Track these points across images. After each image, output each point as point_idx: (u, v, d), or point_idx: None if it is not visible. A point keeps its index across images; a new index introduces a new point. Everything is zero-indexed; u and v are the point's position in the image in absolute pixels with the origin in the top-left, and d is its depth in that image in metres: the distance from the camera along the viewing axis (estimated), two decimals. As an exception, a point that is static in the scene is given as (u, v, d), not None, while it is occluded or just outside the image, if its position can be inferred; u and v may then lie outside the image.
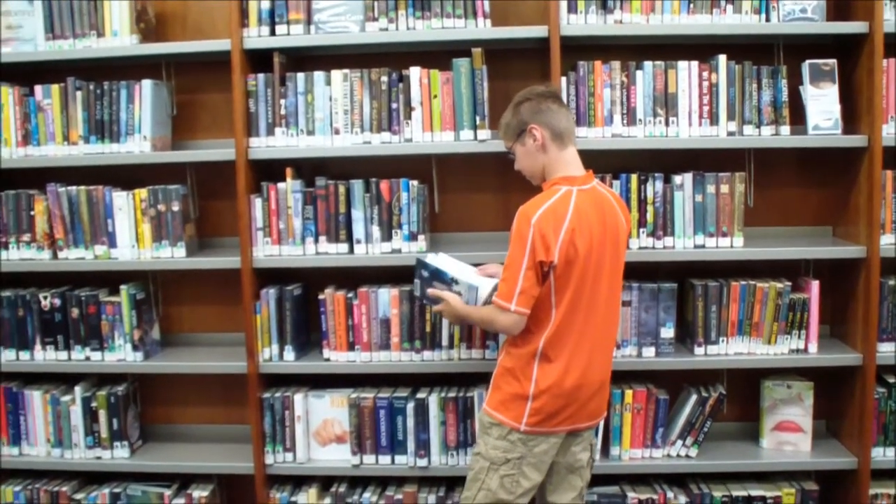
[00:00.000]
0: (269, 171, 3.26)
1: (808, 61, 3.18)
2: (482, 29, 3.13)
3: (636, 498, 3.19)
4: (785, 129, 3.16)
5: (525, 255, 2.49)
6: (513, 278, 2.51)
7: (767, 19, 3.14)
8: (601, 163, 3.16)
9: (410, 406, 3.19)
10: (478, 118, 3.13)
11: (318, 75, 3.17)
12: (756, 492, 3.19)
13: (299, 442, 3.25)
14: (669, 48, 3.25)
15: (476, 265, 2.89)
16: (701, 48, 3.21)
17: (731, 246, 3.13)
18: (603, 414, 2.75)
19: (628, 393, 3.16)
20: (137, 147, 3.23)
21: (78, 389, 3.31)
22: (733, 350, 3.15)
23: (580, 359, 2.59)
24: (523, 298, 2.51)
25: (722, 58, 3.13)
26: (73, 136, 3.25)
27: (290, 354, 3.24)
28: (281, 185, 3.19)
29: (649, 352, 3.14)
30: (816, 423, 3.28)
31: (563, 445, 2.68)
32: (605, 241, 2.58)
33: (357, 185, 3.17)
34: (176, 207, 3.23)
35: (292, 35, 3.16)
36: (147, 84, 3.22)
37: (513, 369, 2.62)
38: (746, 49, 3.22)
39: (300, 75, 3.18)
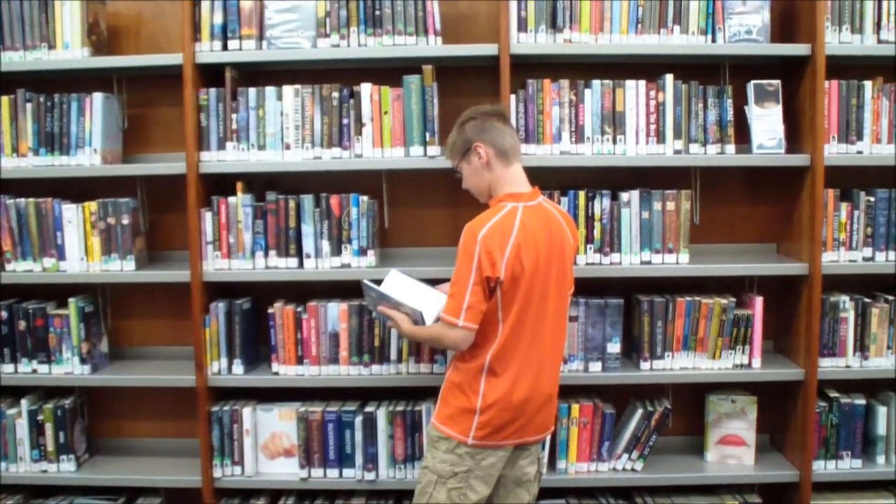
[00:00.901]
0: (220, 185, 3.29)
1: (753, 81, 3.27)
2: (433, 46, 3.19)
3: (582, 512, 3.25)
4: (730, 148, 3.24)
5: (472, 271, 2.54)
6: (460, 294, 2.55)
7: (713, 40, 3.23)
8: (549, 179, 3.24)
9: (359, 420, 3.23)
10: (428, 134, 3.18)
11: (270, 90, 3.22)
12: (700, 505, 3.27)
13: (247, 455, 3.27)
14: (618, 67, 3.33)
15: (427, 281, 2.94)
16: (649, 68, 3.30)
17: (677, 262, 3.21)
18: (550, 428, 2.77)
19: (575, 407, 3.22)
20: (88, 160, 3.25)
21: (24, 402, 3.32)
22: (678, 365, 3.23)
23: (527, 373, 2.62)
24: (471, 314, 2.56)
25: (669, 77, 3.21)
26: (23, 147, 3.27)
27: (238, 368, 3.27)
28: (231, 199, 3.23)
29: (596, 366, 3.21)
30: (760, 436, 3.36)
31: (510, 459, 2.70)
32: (551, 257, 2.62)
33: (307, 199, 3.21)
34: (126, 221, 3.26)
35: (244, 50, 3.21)
36: (98, 97, 3.24)
37: (460, 384, 2.66)
38: (693, 69, 3.31)
39: (252, 90, 3.22)
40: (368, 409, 3.26)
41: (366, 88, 3.20)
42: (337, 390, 3.32)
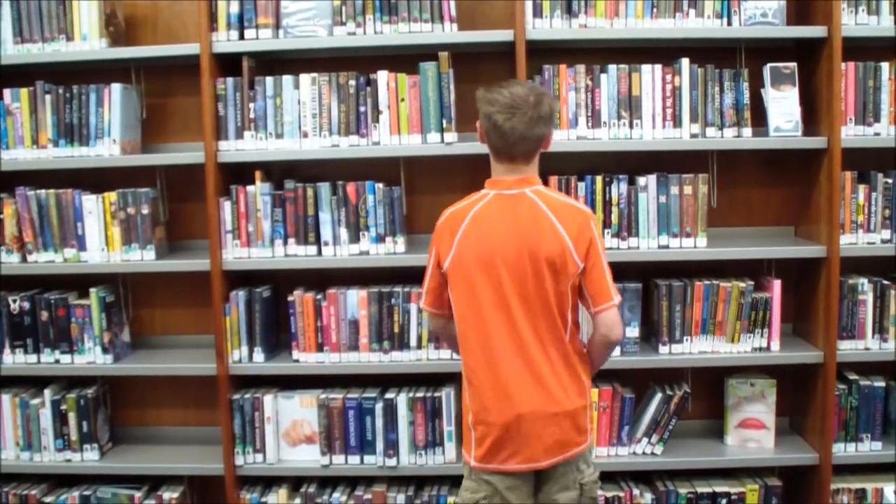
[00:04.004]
0: (239, 174, 3.40)
1: (769, 64, 3.36)
2: (449, 33, 3.28)
3: (602, 495, 3.35)
4: (747, 131, 3.33)
5: (431, 254, 2.63)
6: (425, 277, 2.67)
7: (729, 23, 3.31)
8: (566, 165, 3.35)
9: (379, 406, 3.34)
10: (444, 121, 3.28)
11: (287, 79, 3.32)
12: (720, 488, 3.36)
13: (269, 443, 3.39)
14: (633, 52, 3.42)
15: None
16: (664, 52, 3.39)
17: (695, 246, 3.30)
18: (570, 450, 2.55)
19: (594, 392, 3.32)
20: (107, 150, 3.36)
21: (47, 392, 3.45)
22: (697, 349, 3.33)
23: (498, 388, 2.51)
24: (429, 297, 2.67)
25: (685, 61, 3.30)
26: (43, 139, 3.38)
27: (259, 356, 3.38)
28: (250, 187, 3.34)
29: (615, 351, 3.30)
30: (779, 419, 3.46)
31: (538, 488, 2.59)
32: (526, 251, 2.48)
33: (324, 187, 3.32)
34: (146, 210, 3.37)
35: (261, 39, 3.31)
36: (116, 88, 3.36)
37: (462, 396, 2.65)
38: (709, 52, 3.40)
39: (269, 79, 3.33)
40: (389, 395, 3.37)
41: (382, 76, 3.30)
42: (357, 377, 3.43)
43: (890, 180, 3.33)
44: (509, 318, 2.50)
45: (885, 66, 3.31)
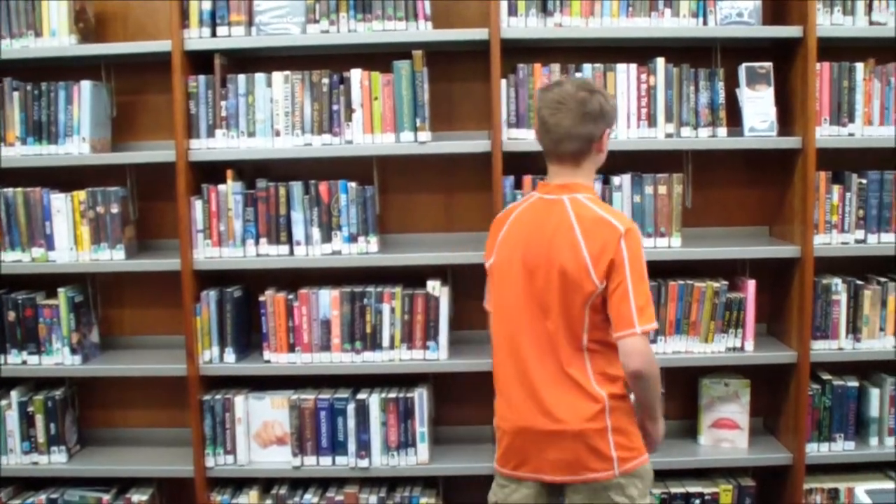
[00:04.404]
0: (210, 173, 3.39)
1: (744, 64, 3.38)
2: (423, 31, 3.28)
3: (576, 496, 3.35)
4: (722, 131, 3.35)
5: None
6: None
7: (705, 23, 3.33)
8: (541, 164, 3.33)
9: (351, 407, 3.33)
10: (418, 120, 3.28)
11: (259, 77, 3.31)
12: (694, 488, 3.38)
13: (240, 444, 3.38)
14: (609, 51, 3.43)
15: (419, 267, 3.04)
16: (640, 51, 3.40)
17: (669, 246, 3.32)
18: (585, 473, 2.46)
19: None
20: (76, 148, 3.34)
21: (14, 394, 3.42)
22: (671, 349, 3.34)
23: (514, 395, 2.53)
24: (487, 295, 2.69)
25: (660, 60, 3.31)
26: (10, 137, 3.36)
27: (230, 356, 3.37)
28: (221, 187, 3.33)
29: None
30: (753, 420, 3.48)
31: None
32: (544, 262, 2.45)
33: (296, 186, 3.31)
34: (115, 209, 3.35)
35: (233, 37, 3.30)
36: (86, 85, 3.34)
37: None
38: (684, 52, 3.41)
39: (241, 77, 3.32)
40: (361, 396, 3.36)
41: (356, 74, 3.30)
42: (329, 378, 3.43)
43: (864, 180, 3.36)
44: (521, 327, 2.50)
45: (859, 66, 3.34)
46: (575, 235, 2.41)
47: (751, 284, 3.35)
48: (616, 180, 3.31)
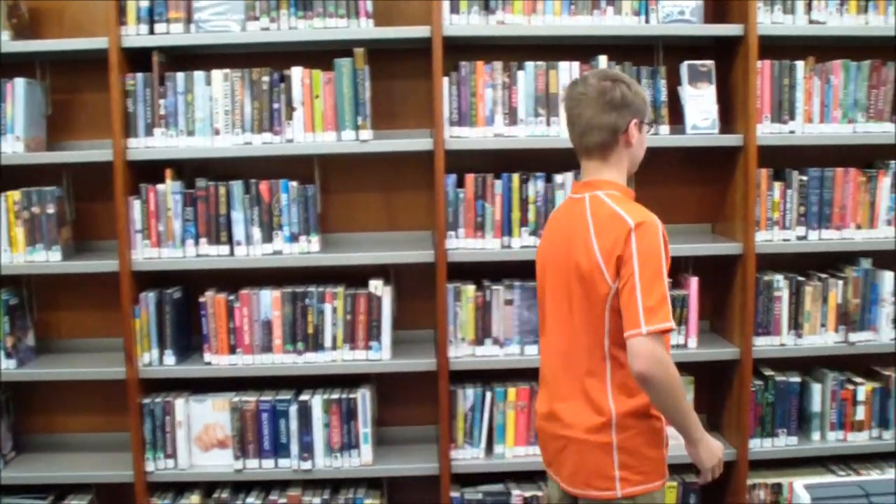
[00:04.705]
0: (148, 172, 3.35)
1: (686, 62, 3.41)
2: (365, 29, 3.28)
3: (521, 496, 3.37)
4: (664, 129, 3.38)
5: None
6: None
7: (647, 21, 3.36)
8: (483, 162, 3.36)
9: (293, 409, 3.31)
10: (360, 118, 3.27)
11: (199, 75, 3.29)
12: (639, 487, 3.40)
13: (181, 448, 3.35)
14: (552, 49, 3.45)
15: (363, 267, 3.03)
16: (582, 49, 3.42)
17: (612, 244, 3.34)
18: (592, 490, 2.36)
19: (511, 391, 3.34)
20: (10, 147, 3.29)
21: (-53, 399, 3.37)
22: (615, 347, 3.36)
23: (540, 394, 2.54)
24: None
25: (602, 58, 3.33)
26: (-59, 136, 3.30)
27: (170, 359, 3.34)
28: (160, 186, 3.29)
29: (532, 350, 3.33)
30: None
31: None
32: (557, 260, 2.43)
33: (237, 186, 3.29)
34: (51, 210, 3.31)
35: (172, 34, 3.27)
36: (20, 83, 3.28)
37: None
38: (627, 50, 3.44)
39: (180, 75, 3.29)
40: (303, 397, 3.35)
41: (296, 72, 3.28)
42: (271, 379, 3.40)
43: (805, 178, 3.40)
44: (552, 329, 2.47)
45: (800, 64, 3.38)
46: (589, 234, 2.32)
47: (694, 281, 3.38)
48: (559, 178, 3.32)
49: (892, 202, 3.45)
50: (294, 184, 3.31)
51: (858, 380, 3.50)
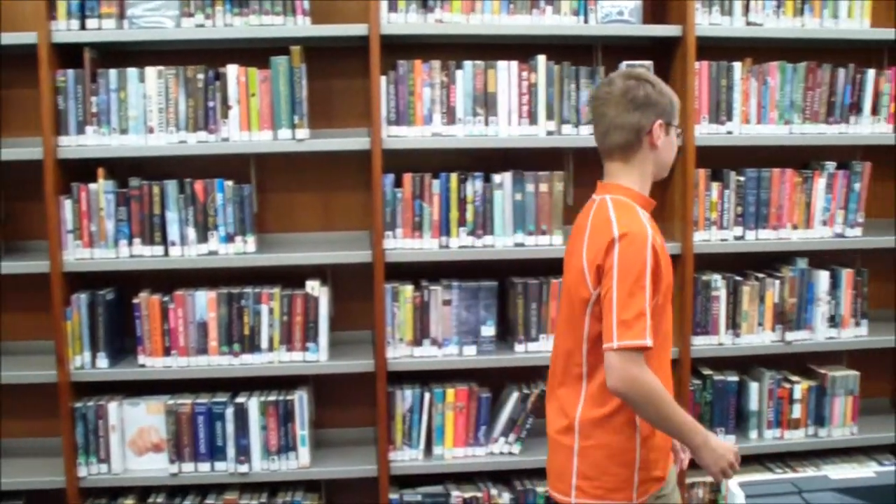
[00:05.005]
0: (80, 171, 3.31)
1: (624, 62, 3.43)
2: (301, 26, 3.26)
3: (460, 497, 3.37)
4: (603, 129, 3.40)
5: None
6: None
7: (586, 21, 3.38)
8: (421, 162, 3.37)
9: (230, 411, 3.29)
10: (296, 117, 3.26)
11: (132, 72, 3.25)
12: (578, 486, 3.42)
13: (114, 452, 3.30)
14: (491, 48, 3.46)
15: (301, 267, 3.02)
16: (521, 48, 3.44)
17: (551, 244, 3.36)
18: (555, 492, 2.40)
19: (450, 392, 3.34)
20: (-64, 146, 3.24)
21: None
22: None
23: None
24: None
25: (541, 58, 3.35)
26: None
27: (103, 361, 3.29)
28: (92, 185, 3.25)
29: (470, 350, 3.34)
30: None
31: None
32: (567, 264, 2.43)
33: (171, 185, 3.25)
34: (-21, 209, 3.26)
35: (104, 29, 3.23)
36: (-54, 79, 3.23)
37: None
38: (566, 50, 3.46)
39: (112, 72, 3.25)
40: (240, 399, 3.32)
41: (232, 70, 3.26)
42: (207, 381, 3.37)
43: (742, 178, 3.45)
44: (556, 328, 2.48)
45: (737, 65, 3.43)
46: (583, 238, 2.32)
47: (632, 281, 3.41)
48: (497, 178, 3.33)
49: (828, 203, 3.52)
50: (230, 183, 3.28)
51: (795, 378, 3.56)
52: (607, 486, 2.31)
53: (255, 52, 3.32)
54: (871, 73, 3.53)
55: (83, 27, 3.23)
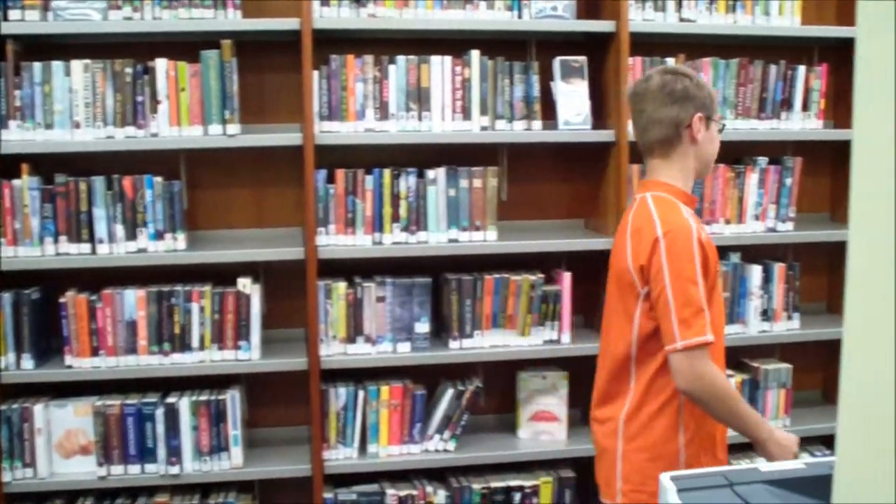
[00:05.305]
0: (4, 167, 3.24)
1: (558, 58, 3.47)
2: (232, 20, 3.24)
3: (396, 495, 3.38)
4: (537, 124, 3.43)
5: None
6: None
7: (519, 16, 3.40)
8: (354, 158, 3.37)
9: (160, 412, 3.26)
10: (227, 112, 3.23)
11: (57, 65, 3.19)
12: (514, 482, 3.45)
13: (40, 456, 3.25)
14: (424, 43, 3.47)
15: (233, 265, 3.00)
16: (455, 43, 3.45)
17: (485, 240, 3.38)
18: (600, 494, 2.44)
19: (384, 389, 3.35)
20: None
21: None
22: (488, 343, 3.40)
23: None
24: None
25: (475, 53, 3.36)
26: None
27: (28, 363, 3.24)
28: (16, 182, 3.19)
29: (405, 347, 3.34)
30: (572, 411, 3.57)
31: None
32: (613, 263, 2.44)
33: (98, 181, 3.21)
34: None
35: (27, 21, 3.17)
36: None
37: None
38: (500, 45, 3.48)
39: (37, 65, 3.19)
40: (170, 399, 3.29)
41: (161, 64, 3.22)
42: (136, 381, 3.34)
43: (675, 173, 3.49)
44: (603, 328, 2.49)
45: (670, 61, 3.48)
46: (626, 236, 2.32)
47: (567, 277, 3.44)
48: (431, 174, 3.34)
49: (760, 198, 3.58)
50: (159, 179, 3.25)
51: (728, 372, 3.60)
52: (650, 491, 2.25)
53: (185, 46, 3.28)
54: (801, 69, 3.60)
55: (6, 18, 3.17)
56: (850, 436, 0.77)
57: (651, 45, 3.53)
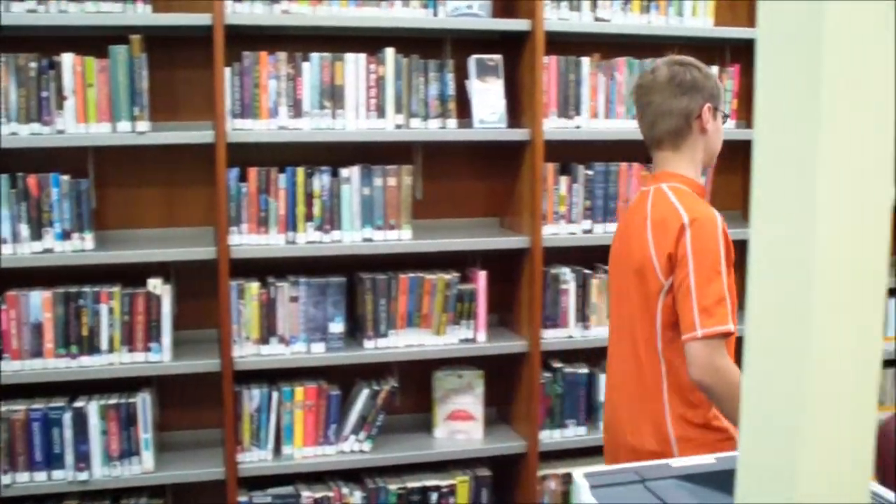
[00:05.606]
0: None
1: (474, 56, 3.50)
2: (142, 14, 3.20)
3: (311, 497, 3.37)
4: (452, 123, 3.45)
5: None
6: None
7: (435, 14, 3.42)
8: (267, 156, 3.36)
9: (67, 416, 3.20)
10: (136, 109, 3.19)
11: (-43, 60, 3.13)
12: (431, 482, 3.47)
13: (-59, 463, 3.18)
14: (339, 40, 3.46)
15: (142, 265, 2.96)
16: (370, 41, 3.45)
17: (399, 239, 3.39)
18: None
19: (299, 390, 3.34)
20: None
21: None
22: (404, 342, 3.41)
23: (605, 397, 2.51)
24: None
25: (389, 51, 3.37)
26: None
27: (-73, 367, 3.17)
28: (-86, 180, 3.12)
29: (319, 347, 3.34)
30: (488, 410, 3.61)
31: None
32: (626, 257, 2.36)
33: (2, 180, 3.14)
34: None
35: (-76, 14, 3.10)
36: None
37: None
38: (415, 43, 3.49)
39: (-65, 59, 3.12)
40: (78, 403, 3.24)
41: (67, 59, 3.17)
42: (42, 385, 3.27)
43: (591, 172, 3.55)
44: (613, 326, 2.45)
45: (585, 60, 3.53)
46: (645, 227, 2.27)
47: (482, 276, 3.47)
48: (345, 172, 3.34)
49: (673, 196, 3.64)
50: (66, 178, 3.19)
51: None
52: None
53: (93, 41, 3.23)
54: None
55: None
56: (751, 435, 0.80)
57: (566, 44, 3.58)
